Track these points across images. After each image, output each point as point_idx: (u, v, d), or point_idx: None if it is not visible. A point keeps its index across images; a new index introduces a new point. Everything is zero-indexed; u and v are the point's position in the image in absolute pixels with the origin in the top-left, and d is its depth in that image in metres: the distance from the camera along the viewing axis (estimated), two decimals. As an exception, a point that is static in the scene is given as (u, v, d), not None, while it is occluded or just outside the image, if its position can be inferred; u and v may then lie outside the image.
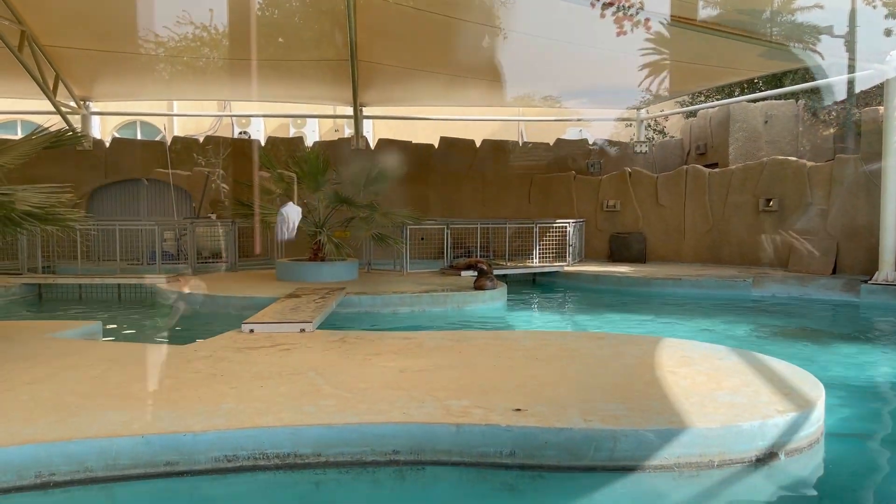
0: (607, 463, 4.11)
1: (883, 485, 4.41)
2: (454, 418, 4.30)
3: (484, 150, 20.17)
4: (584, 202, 18.72)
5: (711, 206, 16.72)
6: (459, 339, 7.13)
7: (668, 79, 16.72)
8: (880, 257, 12.84)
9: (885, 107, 12.87)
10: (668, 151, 21.12)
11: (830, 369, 7.21)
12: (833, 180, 14.48)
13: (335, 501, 4.00)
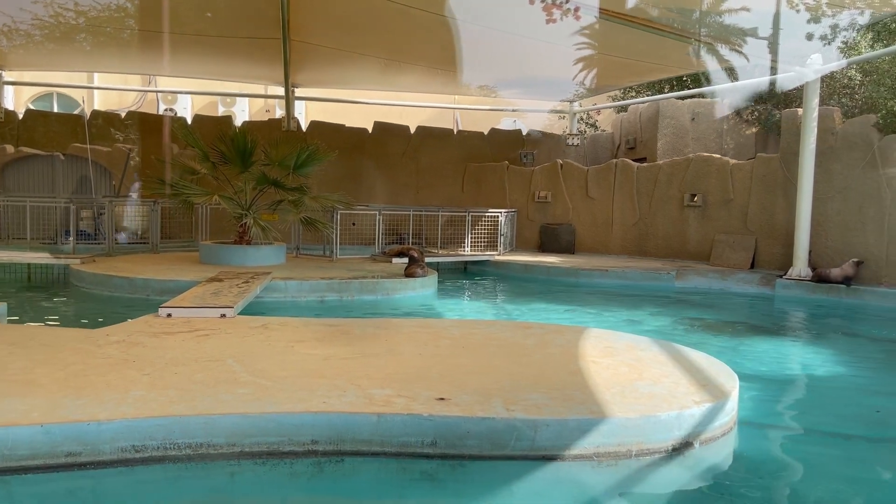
0: (528, 452, 4.10)
1: (791, 473, 4.57)
2: (376, 408, 4.22)
3: (418, 136, 20.05)
4: (516, 192, 18.85)
5: (639, 200, 17.09)
6: (387, 327, 7.04)
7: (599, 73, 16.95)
8: (794, 254, 13.39)
9: (803, 108, 13.38)
10: (598, 145, 21.47)
11: (745, 360, 7.45)
12: (754, 178, 14.99)
13: (250, 493, 3.87)
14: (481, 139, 20.57)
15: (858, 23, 14.04)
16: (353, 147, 19.27)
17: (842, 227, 13.15)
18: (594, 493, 3.95)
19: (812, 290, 12.60)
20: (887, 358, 8.35)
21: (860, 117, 13.22)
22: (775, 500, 4.07)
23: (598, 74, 17.16)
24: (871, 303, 11.85)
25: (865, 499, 4.08)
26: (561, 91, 19.72)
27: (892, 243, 12.31)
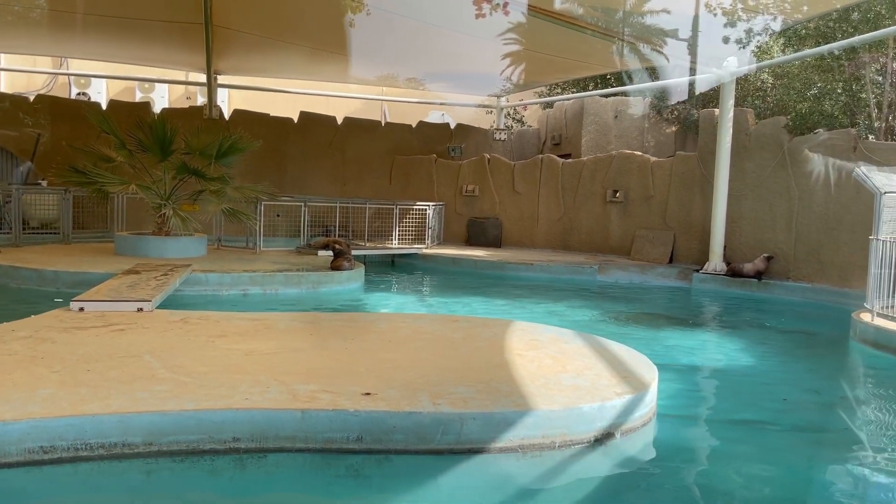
0: (454, 446, 4.11)
1: (706, 461, 4.74)
2: (300, 403, 4.14)
3: (345, 127, 19.81)
4: (444, 186, 18.89)
5: (563, 195, 17.40)
6: (312, 321, 6.93)
7: (526, 69, 17.14)
8: (711, 249, 13.92)
9: (719, 109, 13.90)
10: (525, 140, 21.74)
11: (664, 352, 7.70)
12: (673, 176, 15.49)
13: (168, 493, 3.74)
14: (409, 132, 20.50)
15: (771, 28, 14.68)
16: (278, 137, 18.87)
17: (754, 224, 13.74)
18: (519, 485, 3.99)
19: (726, 283, 13.13)
20: (794, 349, 8.78)
21: (772, 119, 13.83)
22: (691, 487, 4.21)
23: (525, 70, 17.35)
24: (780, 296, 12.44)
25: (775, 484, 4.27)
26: (489, 86, 19.84)
27: (800, 240, 12.95)
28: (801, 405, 6.22)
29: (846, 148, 12.28)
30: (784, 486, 4.24)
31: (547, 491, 3.95)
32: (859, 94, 14.06)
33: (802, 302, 12.07)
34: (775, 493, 4.10)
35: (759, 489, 4.16)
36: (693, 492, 4.13)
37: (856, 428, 5.71)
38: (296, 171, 19.12)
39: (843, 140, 12.40)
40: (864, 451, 5.03)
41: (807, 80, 15.05)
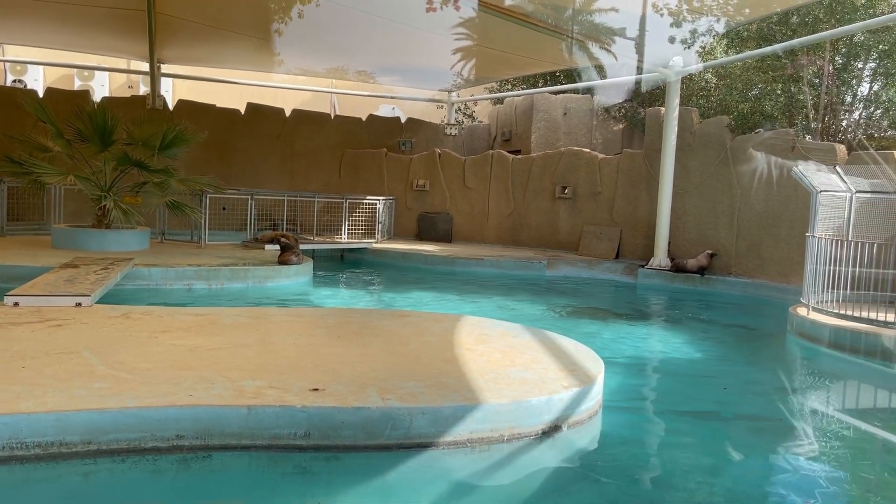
0: (403, 441, 4.10)
1: (650, 451, 4.84)
2: (246, 400, 4.07)
3: (294, 120, 19.54)
4: (394, 180, 18.81)
5: (513, 191, 17.52)
6: (259, 316, 6.82)
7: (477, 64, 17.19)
8: (655, 245, 14.20)
9: (665, 108, 14.18)
10: (476, 136, 21.80)
11: (610, 345, 7.83)
12: (620, 172, 15.74)
13: (108, 494, 3.64)
14: (359, 125, 20.35)
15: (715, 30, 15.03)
16: (225, 129, 18.50)
17: (698, 221, 14.07)
18: (468, 479, 4.00)
19: (670, 279, 13.42)
20: (734, 341, 9.03)
21: (715, 118, 14.17)
22: (636, 477, 4.29)
23: (475, 66, 17.41)
24: (721, 291, 12.78)
25: (717, 473, 4.39)
26: (440, 80, 19.85)
27: (741, 236, 13.32)
28: (741, 396, 6.40)
29: (785, 147, 12.67)
30: (725, 474, 4.35)
31: (495, 484, 3.97)
32: (797, 95, 14.51)
33: (743, 296, 12.42)
34: (717, 481, 4.21)
35: (701, 478, 4.27)
36: (638, 482, 4.21)
37: (791, 417, 5.91)
38: (243, 164, 18.79)
39: (782, 140, 12.80)
40: (799, 439, 5.21)
41: (748, 81, 15.47)
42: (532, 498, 3.89)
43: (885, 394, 7.01)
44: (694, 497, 3.98)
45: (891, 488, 4.32)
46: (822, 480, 4.36)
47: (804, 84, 14.19)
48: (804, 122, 14.16)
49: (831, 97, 14.05)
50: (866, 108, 14.27)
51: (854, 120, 14.42)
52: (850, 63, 13.94)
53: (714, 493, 4.00)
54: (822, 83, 13.93)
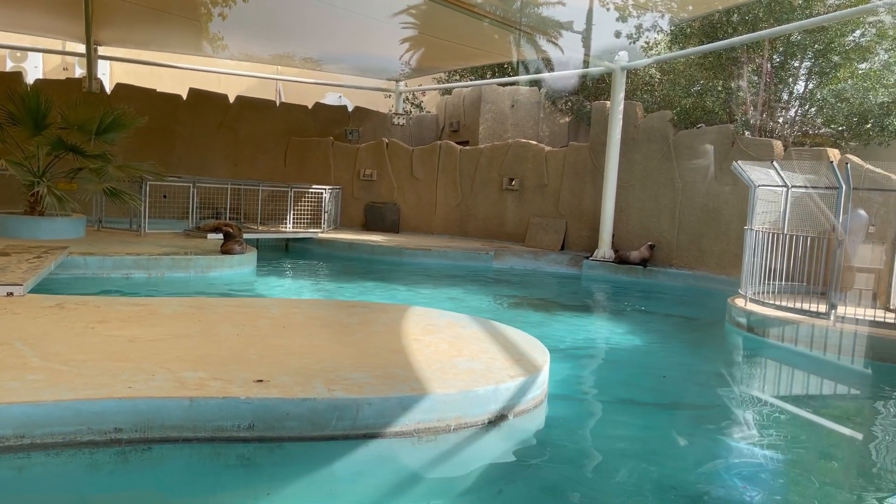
0: (350, 431, 4.07)
1: (594, 439, 4.92)
2: (188, 391, 3.98)
3: (238, 106, 19.14)
4: (341, 169, 18.62)
5: (461, 182, 17.55)
6: (201, 307, 6.67)
7: (425, 54, 17.12)
8: (600, 237, 14.43)
9: (610, 101, 14.39)
10: (424, 126, 21.75)
11: (555, 335, 7.92)
12: (566, 165, 15.92)
13: (43, 489, 3.52)
14: (305, 113, 20.06)
15: (659, 25, 15.31)
16: (166, 114, 18.00)
17: (641, 213, 14.35)
18: (414, 469, 4.00)
19: (614, 270, 13.66)
20: (675, 332, 9.26)
21: (658, 113, 14.46)
22: (580, 464, 4.35)
23: (423, 55, 17.33)
24: (663, 282, 13.08)
25: (657, 459, 4.49)
26: (387, 70, 19.70)
27: (682, 229, 13.64)
28: (681, 384, 6.56)
29: (725, 143, 13.02)
30: (665, 460, 4.45)
31: (442, 474, 3.98)
32: (737, 92, 14.90)
33: (684, 288, 12.73)
34: (657, 467, 4.30)
35: (642, 464, 4.36)
36: (581, 469, 4.28)
37: (729, 404, 6.09)
38: (184, 151, 18.33)
39: (722, 135, 13.14)
40: (736, 425, 5.37)
41: (691, 77, 15.80)
42: (477, 486, 3.91)
43: (817, 381, 7.29)
44: (635, 483, 4.06)
45: (824, 472, 4.49)
46: (759, 464, 4.51)
47: (744, 81, 14.57)
48: (743, 119, 14.55)
49: (769, 95, 14.48)
50: (802, 106, 14.76)
51: (790, 117, 14.89)
52: (787, 62, 14.37)
53: (654, 479, 4.09)
54: (761, 81, 14.33)
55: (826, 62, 13.88)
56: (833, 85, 14.00)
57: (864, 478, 4.43)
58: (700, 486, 4.03)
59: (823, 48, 13.68)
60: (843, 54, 13.75)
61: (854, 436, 5.39)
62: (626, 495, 3.87)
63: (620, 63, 14.14)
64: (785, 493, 4.09)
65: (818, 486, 4.20)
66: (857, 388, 7.00)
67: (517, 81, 19.21)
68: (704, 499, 3.84)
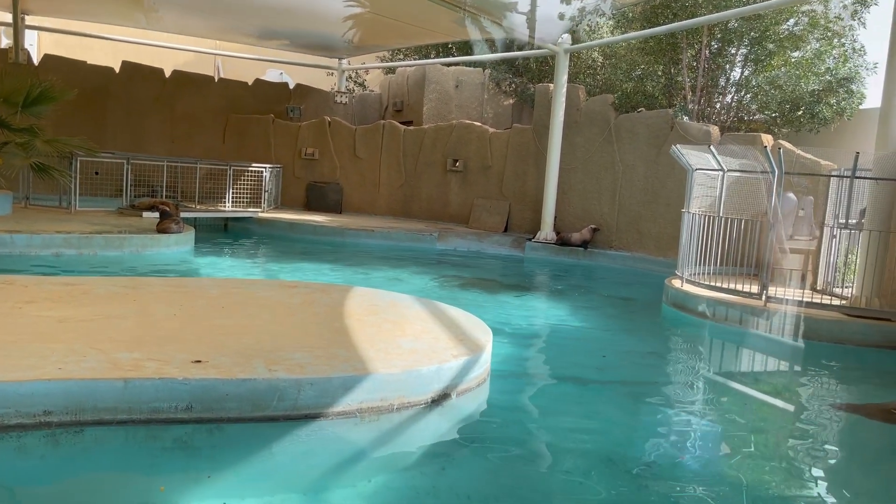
0: (291, 412, 4.02)
1: (535, 416, 4.99)
2: (122, 373, 3.86)
3: (174, 81, 18.54)
4: (281, 148, 18.28)
5: (405, 162, 17.45)
6: (136, 286, 6.46)
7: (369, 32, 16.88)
8: (542, 219, 14.58)
9: (554, 84, 14.49)
10: (367, 105, 21.51)
11: (498, 316, 7.99)
12: (510, 147, 15.99)
13: (-36, 475, 3.36)
14: (245, 89, 19.58)
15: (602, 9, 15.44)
16: (97, 88, 17.31)
17: (582, 196, 14.55)
18: (357, 448, 3.98)
19: (556, 252, 13.84)
20: (614, 311, 9.45)
21: (600, 96, 14.64)
22: (522, 441, 4.41)
23: (367, 33, 17.08)
24: (603, 264, 13.32)
25: (596, 434, 4.58)
26: (330, 47, 19.36)
27: (622, 212, 13.89)
28: (619, 362, 6.71)
29: (664, 127, 13.28)
30: (605, 436, 4.55)
31: (384, 453, 3.98)
32: (676, 77, 15.20)
33: (623, 269, 13.00)
34: (598, 443, 4.39)
35: (582, 441, 4.44)
36: (523, 445, 4.33)
37: (665, 381, 6.26)
38: (117, 126, 17.69)
39: (661, 119, 13.40)
40: (672, 401, 5.52)
41: (632, 62, 16.03)
42: (420, 464, 3.92)
43: (749, 358, 7.55)
44: (577, 459, 4.14)
45: (756, 444, 4.66)
46: (696, 438, 4.65)
47: (683, 66, 14.87)
48: (682, 104, 14.86)
49: (707, 80, 14.82)
50: (738, 93, 15.15)
51: (727, 103, 15.28)
52: (724, 49, 14.72)
53: (596, 454, 4.18)
54: (699, 67, 14.65)
55: (761, 50, 14.27)
56: (767, 72, 14.41)
57: (791, 449, 4.62)
58: (640, 460, 4.13)
59: (759, 36, 14.06)
60: (777, 42, 14.16)
61: (783, 409, 5.61)
62: (568, 471, 3.94)
63: (563, 46, 14.23)
64: (720, 463, 4.23)
65: (750, 457, 4.35)
66: (785, 365, 7.28)
67: (462, 62, 19.14)
68: (644, 471, 3.94)
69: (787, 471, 4.22)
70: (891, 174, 8.06)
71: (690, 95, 14.72)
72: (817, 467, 4.32)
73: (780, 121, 14.58)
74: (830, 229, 8.91)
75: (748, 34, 14.19)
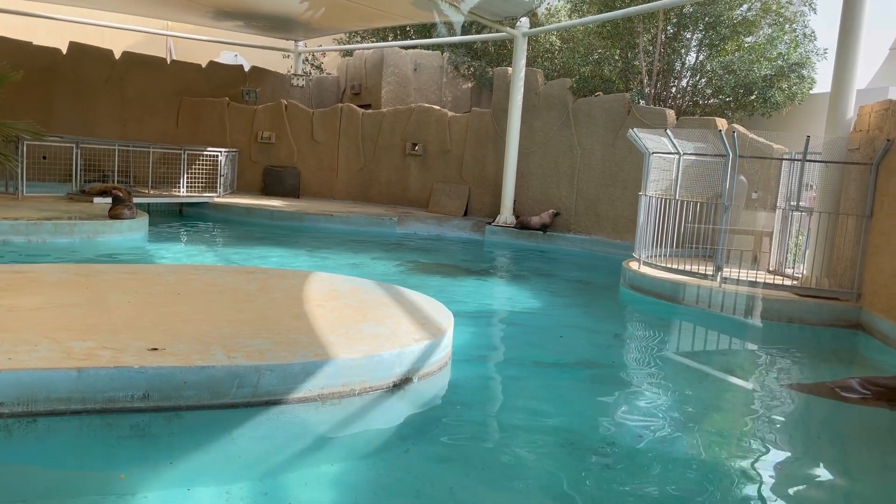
0: (251, 399, 3.98)
1: (496, 398, 5.03)
2: (76, 362, 3.76)
3: (124, 63, 18.04)
4: (237, 132, 17.96)
5: (364, 146, 17.31)
6: (88, 274, 6.30)
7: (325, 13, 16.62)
8: (502, 203, 14.64)
9: (512, 68, 14.50)
10: (324, 88, 21.24)
11: (459, 299, 8.01)
12: (469, 131, 15.97)
13: None
14: (198, 72, 19.15)
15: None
16: (44, 70, 16.76)
17: (541, 180, 14.63)
18: (318, 433, 3.96)
19: (515, 235, 13.92)
20: (573, 294, 9.55)
21: (558, 80, 14.69)
22: (483, 424, 4.44)
23: (324, 15, 16.82)
24: (562, 247, 13.45)
25: (555, 415, 4.63)
26: (286, 29, 19.01)
27: (581, 195, 14.02)
28: (578, 344, 6.80)
29: (621, 111, 13.41)
30: (565, 416, 4.61)
31: (346, 437, 3.96)
32: (633, 61, 15.34)
33: (582, 252, 13.14)
34: (557, 423, 4.45)
35: (542, 422, 4.49)
36: (485, 428, 4.36)
37: (623, 361, 6.36)
38: (66, 109, 17.16)
39: (619, 103, 13.52)
40: (630, 381, 5.62)
41: (589, 46, 16.10)
42: (383, 448, 3.92)
43: (703, 338, 7.71)
44: (538, 439, 4.18)
45: (710, 421, 4.77)
46: (654, 416, 4.74)
47: (639, 51, 15.00)
48: (639, 88, 15.01)
49: (663, 65, 14.98)
50: (693, 77, 15.36)
51: (682, 87, 15.49)
52: (679, 33, 14.89)
53: (557, 435, 4.23)
54: (655, 51, 14.80)
55: (715, 35, 14.47)
56: (721, 57, 14.63)
57: (745, 426, 4.74)
58: (601, 440, 4.20)
59: (713, 21, 14.25)
60: (730, 27, 14.37)
61: (738, 387, 5.76)
62: (530, 452, 3.98)
63: (521, 29, 14.23)
64: (678, 442, 4.31)
65: (707, 435, 4.46)
66: (740, 344, 7.46)
67: (420, 45, 18.99)
68: (605, 451, 4.00)
69: (741, 447, 4.33)
70: (840, 157, 8.28)
71: (647, 79, 14.88)
72: (769, 444, 4.44)
73: (734, 105, 14.83)
74: (782, 211, 9.14)
75: (703, 19, 14.37)
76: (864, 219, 7.93)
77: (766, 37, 14.70)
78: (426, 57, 19.59)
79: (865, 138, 8.11)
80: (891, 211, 7.39)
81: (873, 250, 7.74)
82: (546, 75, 15.61)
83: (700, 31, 14.76)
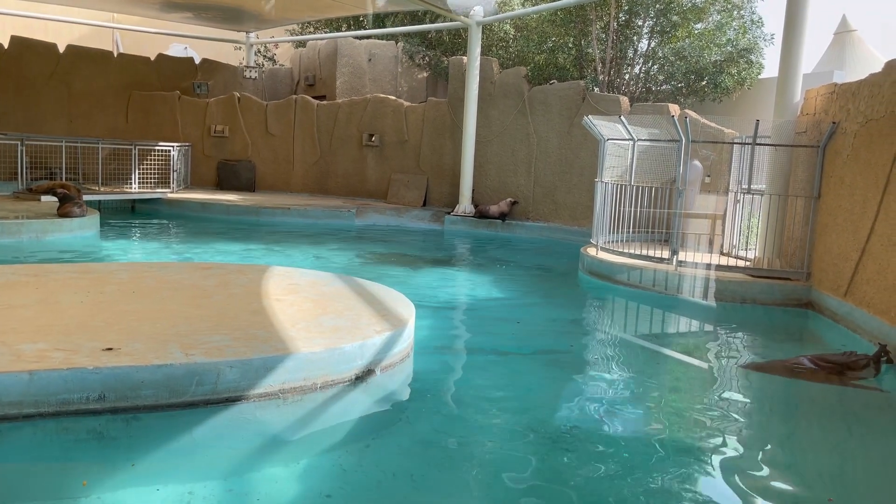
0: (211, 396, 3.92)
1: (459, 388, 5.04)
2: (26, 364, 3.66)
3: (69, 57, 17.52)
4: (189, 126, 17.62)
5: (319, 138, 17.14)
6: (37, 274, 6.13)
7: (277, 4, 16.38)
8: (460, 192, 14.65)
9: (467, 57, 14.49)
10: (277, 80, 20.94)
11: (420, 290, 8.01)
12: (425, 121, 15.93)
13: None
14: (147, 65, 18.71)
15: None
16: (-16, 64, 16.21)
17: (499, 168, 14.68)
18: (280, 429, 3.92)
19: (475, 224, 13.96)
20: (533, 281, 9.62)
21: (514, 69, 14.73)
22: (446, 413, 4.45)
23: (275, 6, 16.57)
24: (520, 235, 13.53)
25: (518, 402, 4.67)
26: (236, 20, 18.68)
27: (538, 183, 14.11)
28: (539, 331, 6.85)
29: (576, 98, 13.51)
30: (526, 404, 4.64)
31: (309, 432, 3.93)
32: (587, 49, 15.45)
33: (540, 239, 13.23)
34: (518, 410, 4.48)
35: (504, 409, 4.52)
36: (448, 418, 4.37)
37: (584, 346, 6.44)
38: (8, 105, 16.62)
39: (573, 91, 13.62)
40: (590, 366, 5.69)
41: (543, 34, 16.16)
42: (346, 442, 3.90)
43: (661, 321, 7.85)
44: (502, 427, 4.21)
45: (668, 401, 4.86)
46: (615, 399, 4.81)
47: (592, 38, 15.12)
48: (593, 75, 15.14)
49: (616, 52, 15.13)
50: (645, 64, 15.55)
51: (635, 74, 15.67)
52: (631, 20, 15.04)
53: (520, 422, 4.26)
54: (608, 38, 14.93)
55: (666, 21, 14.65)
56: (672, 44, 14.83)
57: (704, 406, 4.84)
58: (562, 425, 4.24)
59: (664, 8, 14.42)
60: (681, 14, 14.56)
61: (696, 368, 5.87)
62: (493, 440, 4.00)
63: (476, 18, 14.23)
64: (638, 424, 4.39)
65: (666, 416, 4.54)
66: (696, 326, 7.61)
67: (374, 35, 18.84)
68: (567, 435, 4.04)
69: (700, 427, 4.42)
70: (788, 140, 8.48)
71: (600, 67, 15.01)
72: (725, 421, 4.54)
73: (686, 91, 15.06)
74: (734, 194, 9.33)
75: (654, 6, 14.54)
76: (813, 200, 8.15)
77: (715, 23, 14.94)
78: (381, 47, 19.45)
79: (812, 121, 8.32)
80: (837, 192, 7.60)
81: (821, 230, 7.97)
82: (501, 64, 15.64)
83: (651, 17, 14.93)
